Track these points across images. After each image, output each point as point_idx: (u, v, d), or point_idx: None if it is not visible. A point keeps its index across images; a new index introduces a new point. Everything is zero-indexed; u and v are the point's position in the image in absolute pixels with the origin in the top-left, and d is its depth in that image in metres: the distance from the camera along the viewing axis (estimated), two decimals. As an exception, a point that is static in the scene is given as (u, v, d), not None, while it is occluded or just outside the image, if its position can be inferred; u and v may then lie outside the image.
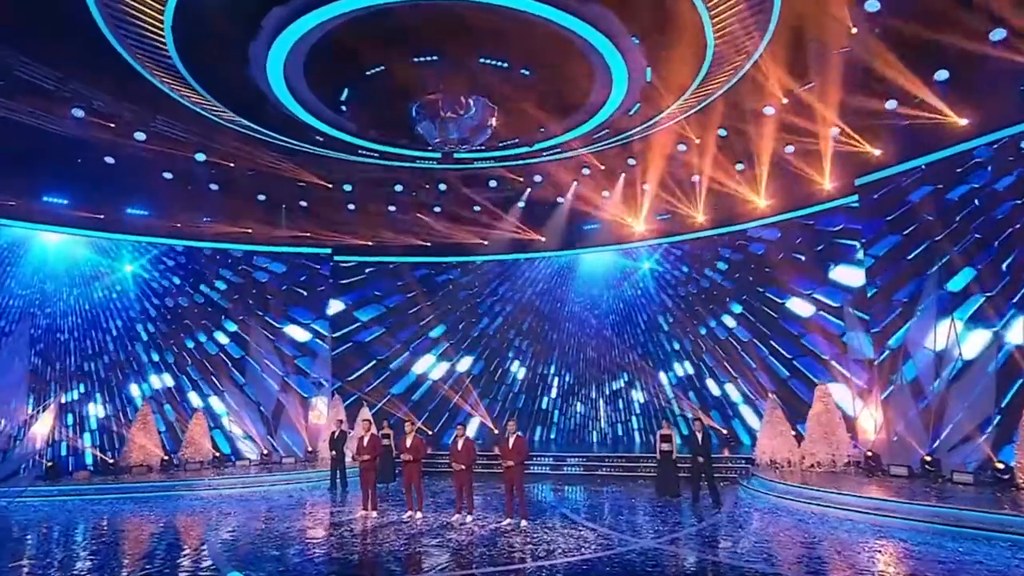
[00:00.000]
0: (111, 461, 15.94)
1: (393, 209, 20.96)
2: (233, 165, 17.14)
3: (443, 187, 20.13)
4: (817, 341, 16.08)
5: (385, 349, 21.14)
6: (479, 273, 22.35)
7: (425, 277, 22.07)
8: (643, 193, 19.12)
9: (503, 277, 22.36)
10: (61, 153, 14.84)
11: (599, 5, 10.99)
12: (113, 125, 14.17)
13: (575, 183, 19.57)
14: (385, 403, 20.34)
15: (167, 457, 16.38)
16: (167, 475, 15.56)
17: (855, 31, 11.87)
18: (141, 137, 14.87)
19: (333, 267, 20.79)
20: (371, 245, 21.10)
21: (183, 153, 16.01)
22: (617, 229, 20.43)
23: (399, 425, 15.08)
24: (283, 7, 10.69)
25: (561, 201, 20.11)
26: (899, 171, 14.08)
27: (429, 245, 21.66)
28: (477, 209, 20.94)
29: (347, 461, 15.02)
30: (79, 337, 17.25)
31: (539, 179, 19.39)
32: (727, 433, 18.11)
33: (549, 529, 10.12)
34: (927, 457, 12.34)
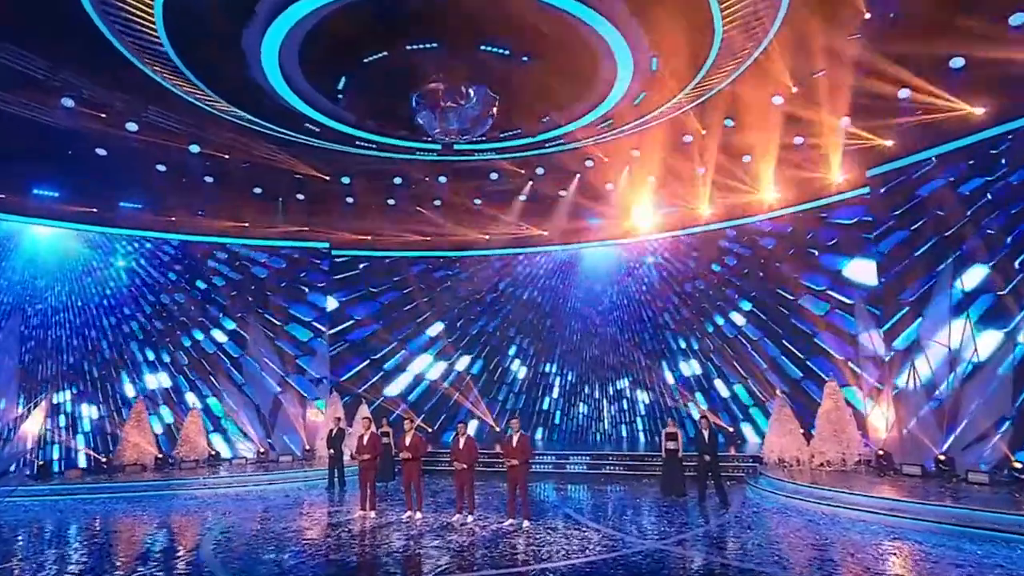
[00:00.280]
0: (104, 460, 15.79)
1: (392, 203, 20.79)
2: (228, 157, 16.94)
3: (443, 179, 19.92)
4: (829, 339, 15.77)
5: (384, 346, 20.98)
6: (480, 268, 22.14)
7: (424, 272, 21.89)
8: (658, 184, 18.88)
9: (504, 272, 22.16)
10: (51, 144, 14.63)
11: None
12: (104, 115, 13.96)
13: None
14: (384, 400, 20.18)
15: (161, 456, 16.22)
16: (161, 474, 15.41)
17: (868, 16, 11.62)
18: (133, 128, 14.67)
19: (331, 262, 20.60)
20: (369, 239, 20.93)
21: (177, 144, 15.82)
22: (620, 224, 20.22)
23: (398, 423, 14.95)
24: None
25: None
26: (911, 162, 13.84)
27: (429, 239, 21.47)
28: (478, 202, 20.76)
29: (345, 460, 14.87)
30: (71, 333, 17.06)
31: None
32: (733, 431, 17.93)
33: (552, 530, 9.97)
34: (940, 456, 12.16)
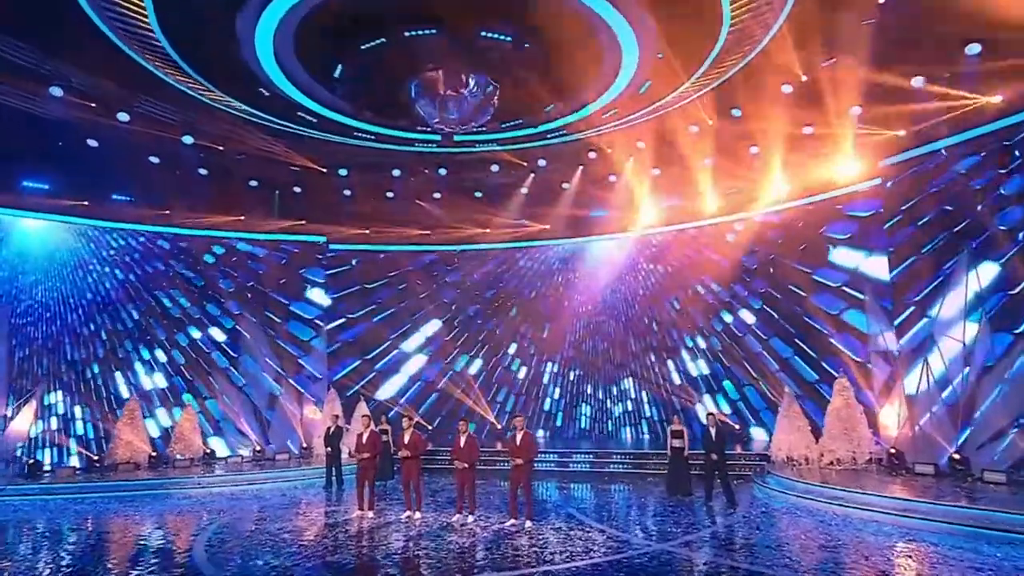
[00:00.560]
0: (96, 458, 15.63)
1: (391, 195, 20.59)
2: (223, 149, 16.75)
3: (443, 171, 19.71)
4: (843, 338, 15.43)
5: (382, 341, 20.81)
6: (480, 263, 21.92)
7: (423, 267, 21.69)
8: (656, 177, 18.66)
9: (506, 266, 21.94)
10: (40, 135, 14.44)
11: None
12: (94, 105, 13.75)
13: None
14: (382, 397, 20.02)
15: (155, 454, 16.06)
16: (155, 473, 15.26)
17: (882, 1, 11.37)
18: (124, 118, 14.46)
19: (328, 256, 20.40)
20: (368, 233, 20.75)
21: (169, 135, 15.61)
22: (624, 217, 19.99)
23: (397, 420, 14.77)
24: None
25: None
26: (924, 153, 13.61)
27: (428, 233, 21.27)
28: (479, 195, 20.55)
29: (343, 458, 14.71)
30: (62, 329, 16.89)
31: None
32: (739, 429, 17.75)
33: (555, 530, 9.81)
34: (955, 455, 11.96)
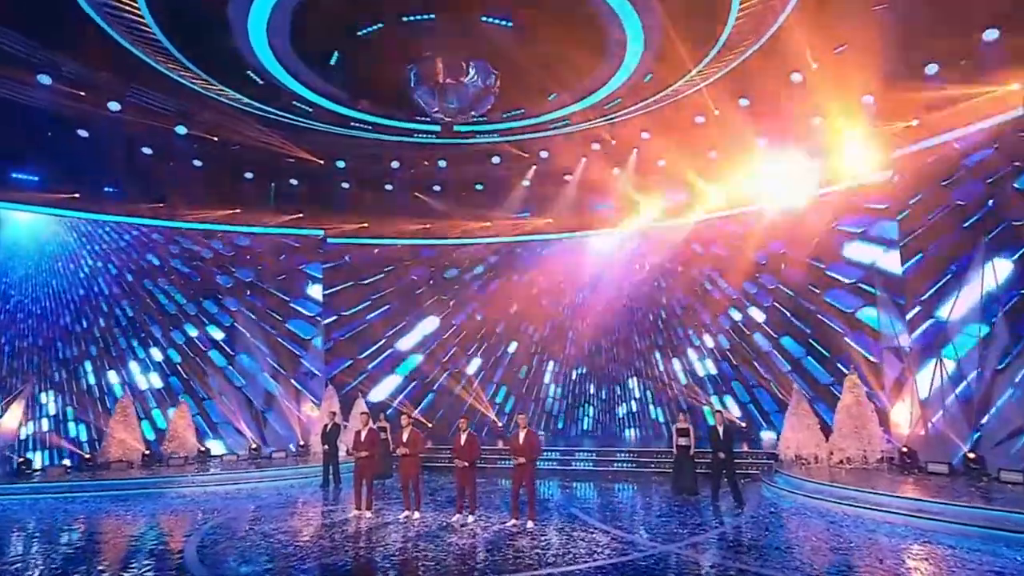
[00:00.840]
0: (88, 457, 15.47)
1: (390, 188, 20.40)
2: (217, 140, 16.55)
3: (443, 164, 19.51)
4: (858, 337, 15.06)
5: (381, 337, 20.64)
6: (481, 257, 21.72)
7: (423, 261, 21.49)
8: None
9: (508, 260, 21.72)
10: (29, 126, 14.24)
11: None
12: (84, 94, 13.54)
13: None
14: (381, 394, 19.85)
15: (149, 452, 15.89)
16: (148, 471, 15.11)
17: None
18: (115, 107, 14.25)
19: (326, 250, 20.21)
20: (366, 227, 20.55)
21: (162, 125, 15.42)
22: (627, 211, 19.77)
23: (396, 418, 14.61)
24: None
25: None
26: (939, 143, 13.36)
27: (428, 227, 21.08)
28: (480, 187, 20.35)
29: (341, 456, 14.55)
30: (53, 324, 16.70)
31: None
32: (745, 426, 17.56)
33: (558, 531, 9.65)
34: (970, 453, 11.76)
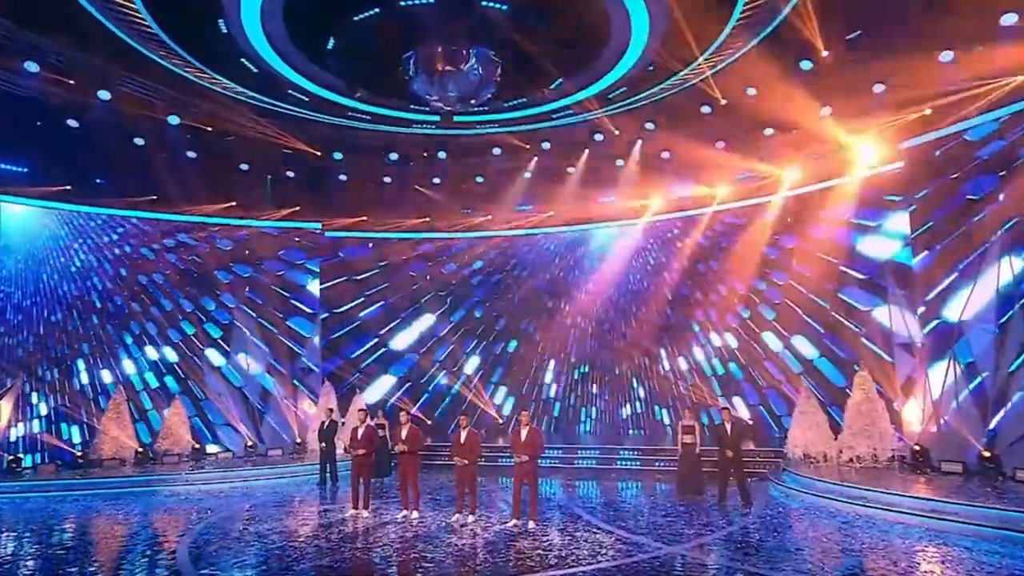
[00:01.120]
0: (80, 454, 15.32)
1: (388, 180, 20.19)
2: (211, 130, 16.34)
3: (442, 155, 19.29)
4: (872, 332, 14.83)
5: (379, 331, 20.49)
6: (482, 251, 21.51)
7: (422, 255, 21.31)
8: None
9: (509, 254, 21.51)
10: (16, 115, 14.02)
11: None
12: (72, 82, 13.33)
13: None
14: (379, 390, 19.72)
15: (142, 450, 15.75)
16: (142, 469, 14.98)
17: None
18: (106, 96, 14.04)
19: (323, 243, 20.02)
20: (364, 219, 20.35)
21: (154, 115, 15.21)
22: (632, 203, 19.56)
23: (394, 414, 14.47)
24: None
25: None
26: (952, 132, 13.13)
27: (427, 220, 20.89)
28: (480, 180, 20.15)
29: (338, 453, 14.42)
30: (43, 318, 16.51)
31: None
32: (752, 424, 17.37)
33: (561, 532, 9.52)
34: (985, 452, 11.57)
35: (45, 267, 16.71)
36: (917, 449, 12.55)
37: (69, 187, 16.51)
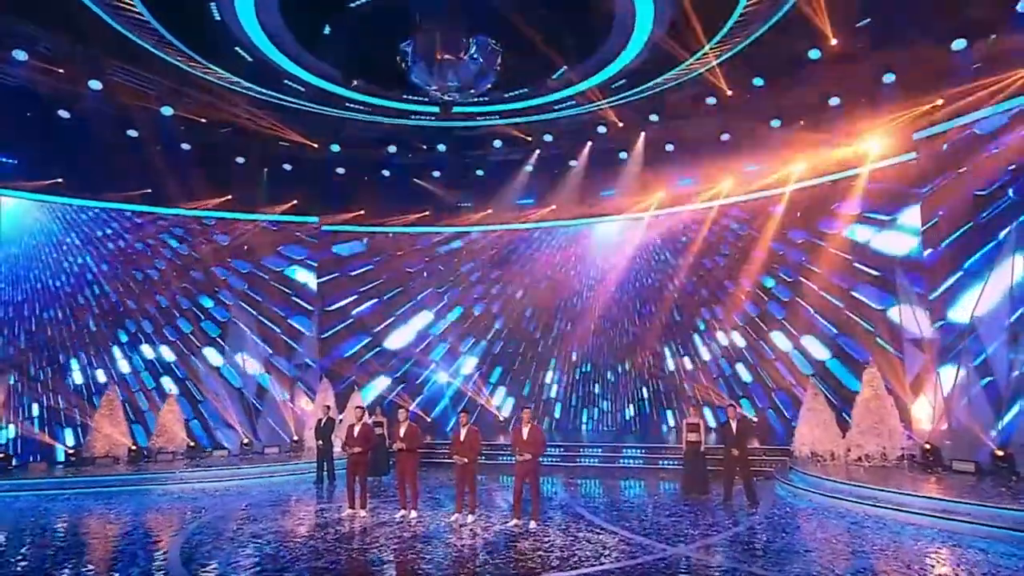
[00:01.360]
0: (72, 452, 15.18)
1: (387, 173, 20.00)
2: (206, 121, 16.17)
3: (442, 148, 19.11)
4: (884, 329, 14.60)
5: (378, 327, 20.34)
6: (482, 245, 21.33)
7: (421, 249, 21.16)
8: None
9: (509, 249, 21.32)
10: (4, 105, 13.84)
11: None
12: (63, 71, 13.14)
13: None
14: (378, 386, 19.60)
15: (135, 448, 15.60)
16: (135, 467, 14.84)
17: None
18: (97, 86, 13.86)
19: (320, 237, 19.85)
20: (362, 213, 20.19)
21: (148, 106, 15.03)
22: (635, 197, 19.36)
23: (393, 411, 14.31)
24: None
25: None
26: (964, 123, 12.91)
27: (426, 214, 20.71)
28: (480, 173, 19.96)
29: (336, 451, 14.28)
30: (34, 313, 16.35)
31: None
32: (757, 422, 17.23)
33: (562, 532, 9.37)
34: (998, 451, 11.39)
35: (36, 262, 16.55)
36: (928, 448, 12.38)
37: (60, 180, 16.36)
